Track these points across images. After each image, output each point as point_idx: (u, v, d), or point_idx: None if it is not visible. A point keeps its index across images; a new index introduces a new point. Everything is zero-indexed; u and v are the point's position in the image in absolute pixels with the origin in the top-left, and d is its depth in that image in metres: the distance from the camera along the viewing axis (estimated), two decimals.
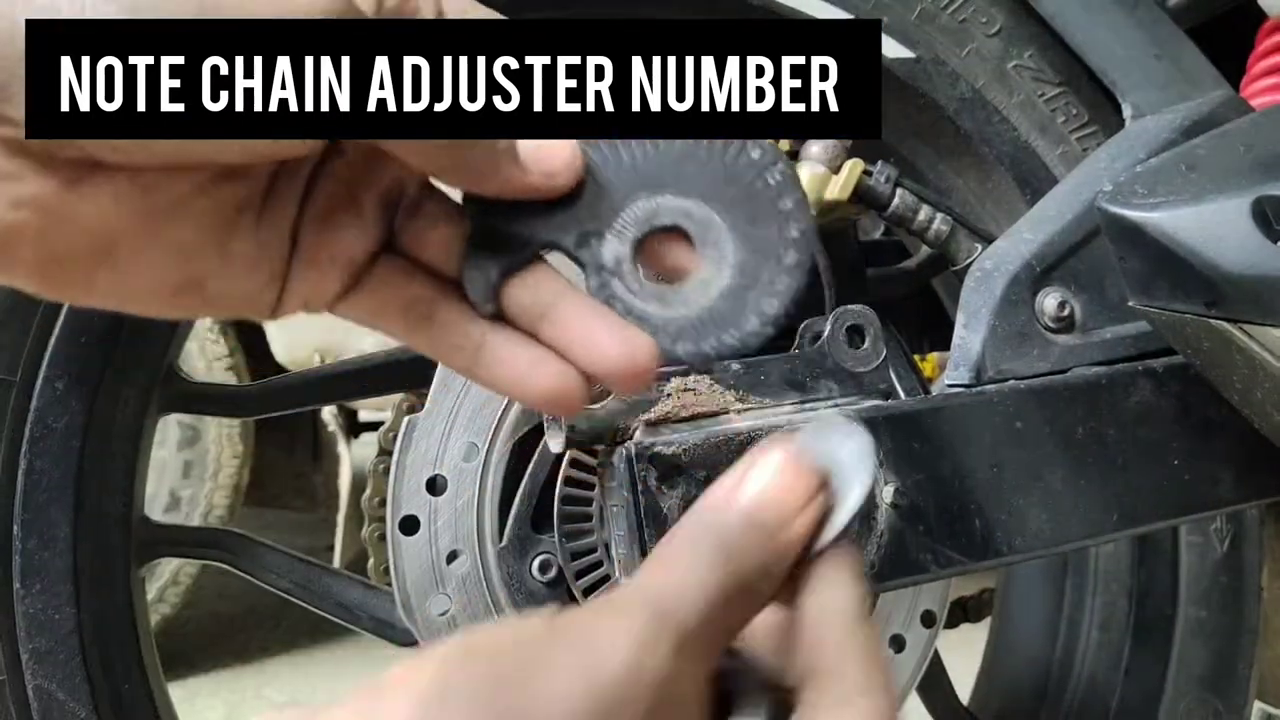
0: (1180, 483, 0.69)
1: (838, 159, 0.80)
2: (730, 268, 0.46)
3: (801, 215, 0.46)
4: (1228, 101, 0.74)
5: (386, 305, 0.45)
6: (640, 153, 0.45)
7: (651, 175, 0.45)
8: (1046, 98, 0.82)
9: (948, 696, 0.93)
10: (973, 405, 0.66)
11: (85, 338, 0.75)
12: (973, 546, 0.65)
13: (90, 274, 0.39)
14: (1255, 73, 0.87)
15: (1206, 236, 0.62)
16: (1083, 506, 0.67)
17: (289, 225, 0.43)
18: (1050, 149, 0.83)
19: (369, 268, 0.45)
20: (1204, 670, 0.89)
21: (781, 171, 0.46)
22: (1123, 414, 0.68)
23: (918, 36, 0.81)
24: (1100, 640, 0.93)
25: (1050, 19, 0.79)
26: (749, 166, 0.46)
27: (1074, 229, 0.70)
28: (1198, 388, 0.68)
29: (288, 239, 0.43)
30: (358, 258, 0.45)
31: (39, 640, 0.74)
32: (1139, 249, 0.65)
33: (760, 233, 0.46)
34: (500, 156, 0.41)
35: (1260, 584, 0.89)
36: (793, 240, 0.46)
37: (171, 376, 0.85)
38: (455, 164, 0.41)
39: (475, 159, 0.41)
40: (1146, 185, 0.67)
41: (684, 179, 0.45)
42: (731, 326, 0.46)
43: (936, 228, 0.82)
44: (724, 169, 0.46)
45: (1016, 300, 0.69)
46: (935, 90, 0.82)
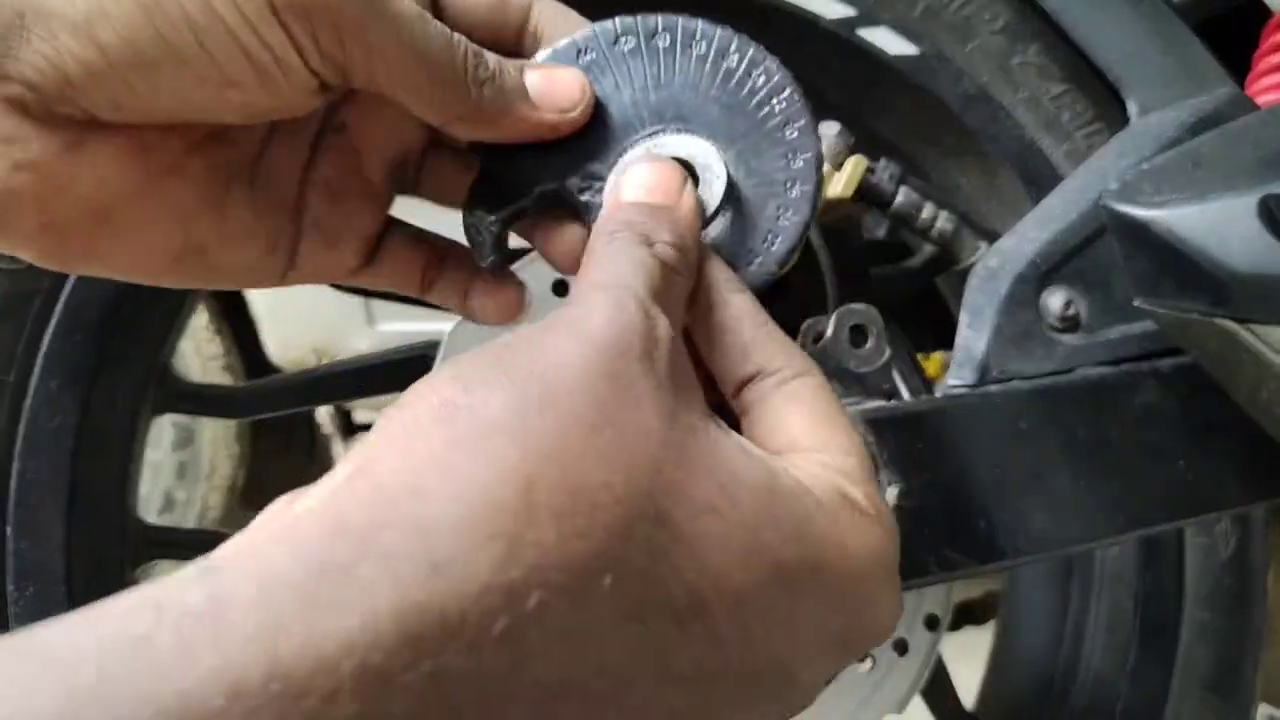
0: (1186, 484, 0.69)
1: (840, 156, 0.80)
2: (735, 204, 0.44)
3: (808, 143, 0.45)
4: (1234, 99, 0.74)
5: (406, 271, 0.47)
6: (640, 83, 0.44)
7: (653, 108, 0.44)
8: (1051, 94, 0.82)
9: (951, 700, 0.92)
10: (977, 406, 0.66)
11: (79, 337, 0.75)
12: (977, 548, 0.64)
13: (90, 239, 0.39)
14: (1261, 69, 0.86)
15: (1213, 235, 0.62)
16: (1088, 508, 0.66)
17: (289, 194, 0.44)
18: (1055, 146, 0.82)
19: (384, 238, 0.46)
20: (1209, 672, 0.89)
21: (789, 98, 0.44)
22: (1128, 414, 0.68)
23: (921, 32, 0.81)
24: (1105, 643, 0.93)
25: (1055, 15, 0.79)
26: (752, 94, 0.44)
27: (1079, 227, 0.69)
28: (1204, 388, 0.67)
29: (287, 208, 0.44)
30: (373, 231, 0.46)
31: None
32: (1145, 247, 0.64)
33: (766, 165, 0.44)
34: (511, 96, 0.41)
35: (1266, 586, 0.89)
36: (798, 172, 0.44)
37: (166, 377, 0.84)
38: (467, 110, 0.41)
39: (487, 101, 0.41)
40: (1152, 183, 0.66)
41: (686, 111, 0.44)
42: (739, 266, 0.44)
43: (940, 226, 0.81)
44: (727, 98, 0.44)
45: (1021, 299, 0.68)
46: (939, 87, 0.82)
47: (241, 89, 0.37)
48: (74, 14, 0.34)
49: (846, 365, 0.70)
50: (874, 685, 0.84)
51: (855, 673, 0.84)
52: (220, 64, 0.36)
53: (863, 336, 0.70)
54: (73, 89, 0.35)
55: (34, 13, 0.34)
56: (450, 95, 0.40)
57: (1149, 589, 0.91)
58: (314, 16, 0.36)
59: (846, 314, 0.70)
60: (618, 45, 0.44)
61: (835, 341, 0.70)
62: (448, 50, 0.39)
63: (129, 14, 0.34)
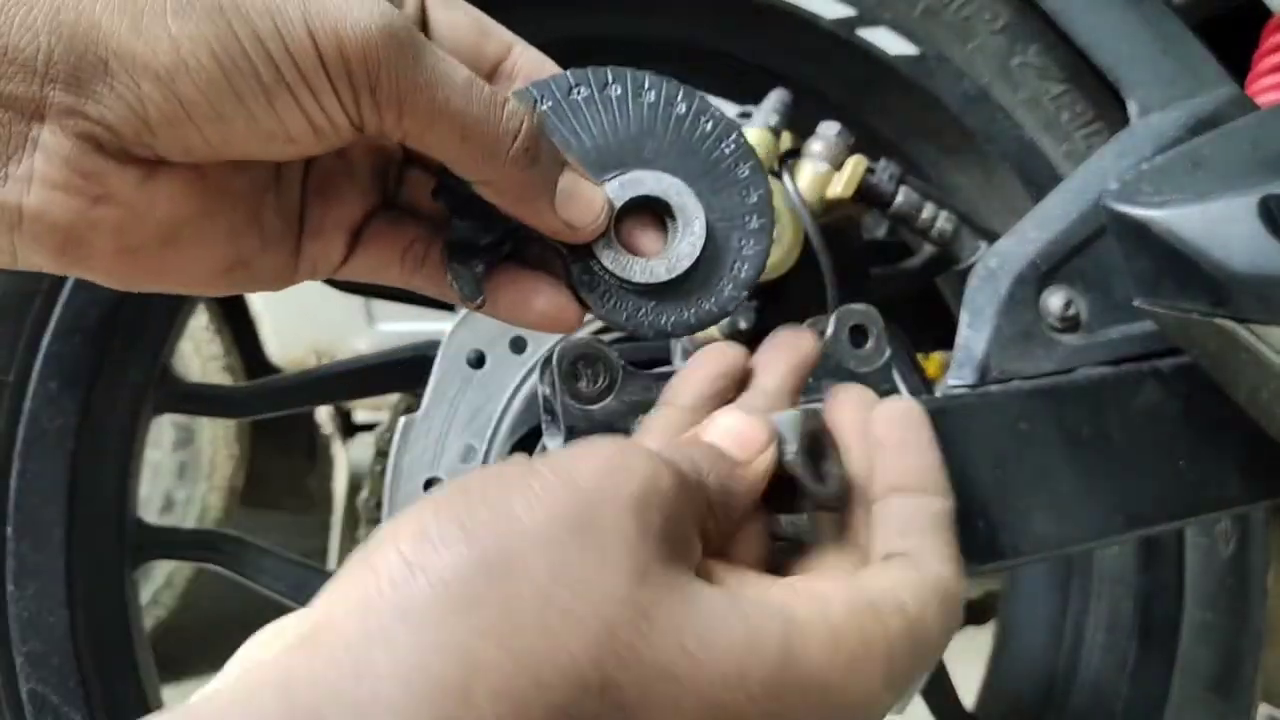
0: (1186, 484, 0.68)
1: (840, 156, 0.80)
2: (701, 237, 0.47)
3: (759, 179, 0.48)
4: (1234, 99, 0.74)
5: (386, 257, 0.48)
6: (599, 130, 0.46)
7: (614, 152, 0.47)
8: (1051, 95, 0.82)
9: (952, 700, 0.92)
10: (977, 406, 0.66)
11: (79, 338, 0.75)
12: (977, 548, 0.64)
13: (158, 260, 0.42)
14: (1261, 70, 0.86)
15: (1213, 235, 0.62)
16: (1088, 508, 0.66)
17: (298, 196, 0.46)
18: (1055, 146, 0.82)
19: (365, 226, 0.47)
20: (1209, 673, 0.89)
21: (736, 141, 0.48)
22: (1128, 414, 0.67)
23: (921, 33, 0.81)
24: (1105, 643, 0.93)
25: (1055, 15, 0.79)
26: (704, 138, 0.47)
27: (1079, 227, 0.69)
28: (1204, 388, 0.67)
29: (298, 209, 0.46)
30: (357, 221, 0.47)
31: (33, 643, 0.74)
32: (1145, 247, 0.64)
33: (724, 201, 0.48)
34: (539, 189, 0.43)
35: (1266, 586, 0.89)
36: (754, 205, 0.48)
37: (166, 377, 0.84)
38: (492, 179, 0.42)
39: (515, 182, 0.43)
40: (1152, 183, 0.66)
41: (647, 154, 0.47)
42: (710, 294, 0.48)
43: (940, 226, 0.81)
44: (681, 141, 0.47)
45: (1021, 299, 0.68)
46: (939, 87, 0.82)
47: (298, 144, 0.40)
48: (157, 65, 0.36)
49: (846, 365, 0.70)
50: None
51: None
52: (285, 124, 0.38)
53: (863, 336, 0.70)
54: (150, 134, 0.37)
55: (119, 60, 0.36)
56: (481, 164, 0.42)
57: (1149, 589, 0.91)
58: (356, 80, 0.38)
59: (846, 314, 0.70)
60: (573, 94, 0.46)
61: (835, 341, 0.70)
62: (488, 121, 0.41)
63: (209, 71, 0.36)
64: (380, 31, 0.38)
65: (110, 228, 0.39)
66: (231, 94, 0.37)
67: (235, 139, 0.38)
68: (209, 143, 0.38)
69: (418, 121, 0.40)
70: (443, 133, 0.40)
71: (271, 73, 0.37)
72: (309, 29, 0.37)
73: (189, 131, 0.38)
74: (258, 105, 0.38)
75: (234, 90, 0.37)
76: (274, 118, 0.38)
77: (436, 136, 0.40)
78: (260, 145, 0.39)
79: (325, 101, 0.38)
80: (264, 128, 0.38)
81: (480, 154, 0.41)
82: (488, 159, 0.41)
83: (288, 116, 0.38)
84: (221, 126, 0.38)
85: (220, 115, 0.37)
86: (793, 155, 0.82)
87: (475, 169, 0.42)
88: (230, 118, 0.38)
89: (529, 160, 0.42)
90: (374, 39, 0.38)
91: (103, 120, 0.36)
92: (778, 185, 0.79)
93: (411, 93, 0.39)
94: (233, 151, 0.39)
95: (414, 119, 0.40)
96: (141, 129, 0.37)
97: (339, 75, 0.38)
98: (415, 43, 0.39)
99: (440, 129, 0.40)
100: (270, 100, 0.38)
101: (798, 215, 0.79)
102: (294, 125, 0.39)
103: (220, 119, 0.37)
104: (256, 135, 0.38)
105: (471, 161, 0.41)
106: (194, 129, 0.37)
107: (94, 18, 0.35)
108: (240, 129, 0.38)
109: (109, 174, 0.38)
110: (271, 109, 0.38)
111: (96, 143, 0.37)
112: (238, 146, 0.39)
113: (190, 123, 0.37)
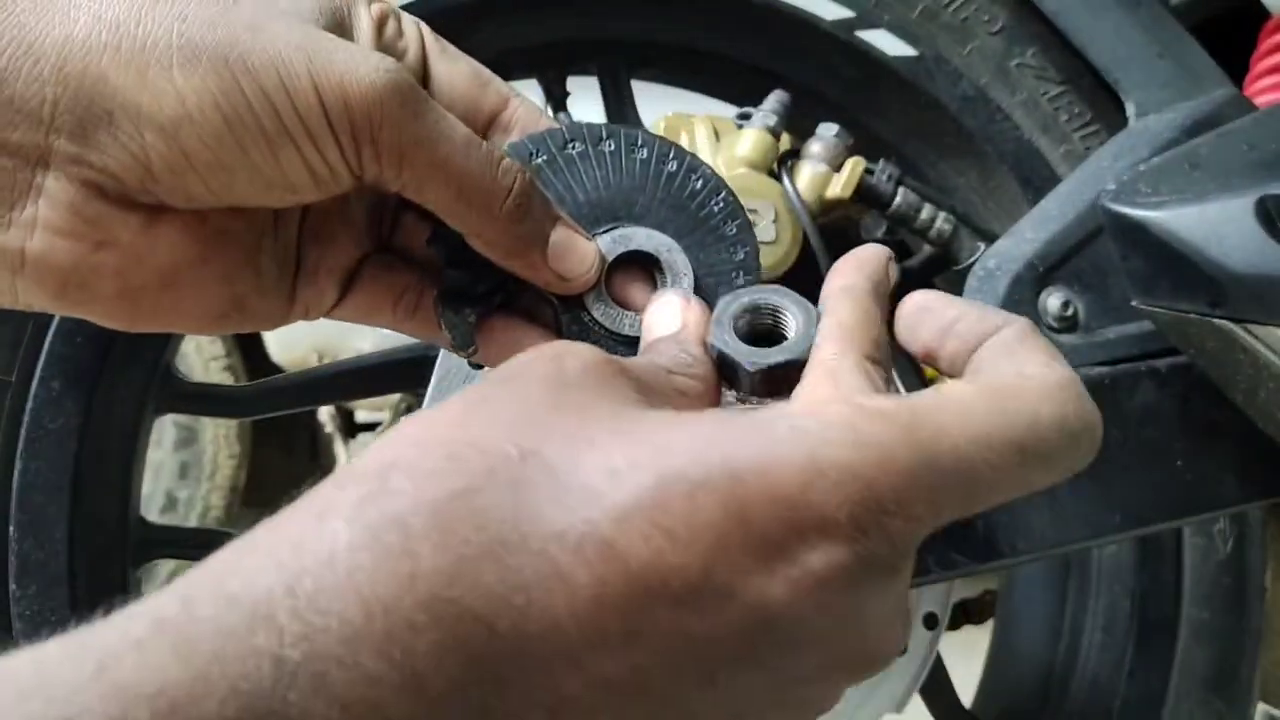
0: (1184, 483, 0.69)
1: (839, 157, 0.80)
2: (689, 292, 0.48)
3: (747, 237, 0.49)
4: (1231, 100, 0.74)
5: (379, 302, 0.49)
6: (592, 184, 0.48)
7: (606, 207, 0.48)
8: (1049, 96, 0.82)
9: (950, 699, 0.92)
10: None
11: (81, 338, 0.75)
12: (975, 547, 0.65)
13: (158, 302, 0.42)
14: (1258, 71, 0.86)
15: (1210, 235, 0.62)
16: (1085, 507, 0.66)
17: (295, 240, 0.46)
18: (1053, 148, 0.82)
19: (358, 270, 0.48)
20: (1207, 672, 0.89)
21: (724, 198, 0.49)
22: (1126, 414, 0.68)
23: (919, 34, 0.81)
24: (1103, 642, 0.93)
25: (1053, 17, 0.79)
26: (694, 195, 0.48)
27: (1077, 228, 0.69)
28: (1201, 388, 0.67)
29: (294, 252, 0.46)
30: (350, 265, 0.48)
31: (35, 642, 0.74)
32: (1142, 248, 0.65)
33: (712, 257, 0.49)
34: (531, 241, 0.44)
35: (1264, 585, 0.89)
36: (740, 262, 0.49)
37: (168, 376, 0.84)
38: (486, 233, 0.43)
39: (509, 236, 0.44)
40: (1150, 184, 0.66)
41: (638, 209, 0.48)
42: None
43: (939, 227, 0.81)
44: (672, 198, 0.48)
45: (1019, 300, 0.68)
46: (937, 89, 0.82)
47: (299, 193, 0.41)
48: (161, 117, 0.37)
49: None
50: (873, 684, 0.85)
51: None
52: (287, 174, 0.39)
53: None
54: (154, 183, 0.38)
55: (123, 111, 0.37)
56: (476, 218, 0.43)
57: (1146, 588, 0.91)
58: (359, 133, 0.39)
59: None
60: (568, 149, 0.47)
61: None
62: (483, 177, 0.42)
63: (213, 123, 0.37)
64: (385, 86, 0.39)
65: (111, 271, 0.40)
66: (235, 145, 0.38)
67: (237, 187, 0.39)
68: (211, 190, 0.39)
69: (416, 174, 0.41)
70: (439, 186, 0.41)
71: (275, 125, 0.38)
72: (314, 83, 0.38)
73: (192, 180, 0.38)
74: (261, 155, 0.38)
75: (237, 141, 0.38)
76: (276, 168, 0.39)
77: (433, 189, 0.42)
78: (261, 193, 0.40)
79: (327, 153, 0.39)
80: (266, 177, 0.39)
81: (474, 208, 0.42)
82: (481, 214, 0.42)
83: (290, 167, 0.39)
84: (224, 175, 0.39)
85: (223, 165, 0.38)
86: (792, 156, 0.83)
87: (469, 222, 0.43)
88: (233, 167, 0.38)
89: (520, 215, 0.43)
90: (379, 94, 0.38)
91: (106, 169, 0.37)
92: (777, 186, 0.80)
93: (412, 147, 0.40)
94: (234, 199, 0.40)
95: (413, 172, 0.41)
96: (145, 177, 0.38)
97: (342, 127, 0.39)
98: (418, 98, 0.40)
99: (437, 183, 0.41)
100: (273, 151, 0.38)
101: (796, 216, 0.79)
102: (295, 175, 0.39)
103: (223, 168, 0.38)
104: (258, 184, 0.39)
105: (466, 215, 0.43)
106: (197, 178, 0.38)
107: (100, 70, 0.36)
108: (243, 178, 0.39)
109: (111, 220, 0.39)
110: (274, 159, 0.39)
111: (100, 190, 0.38)
112: (239, 194, 0.40)
113: (193, 172, 0.38)
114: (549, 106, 0.97)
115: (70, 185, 0.38)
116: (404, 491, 0.28)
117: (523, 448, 0.29)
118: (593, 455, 0.29)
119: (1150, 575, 0.91)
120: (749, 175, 0.78)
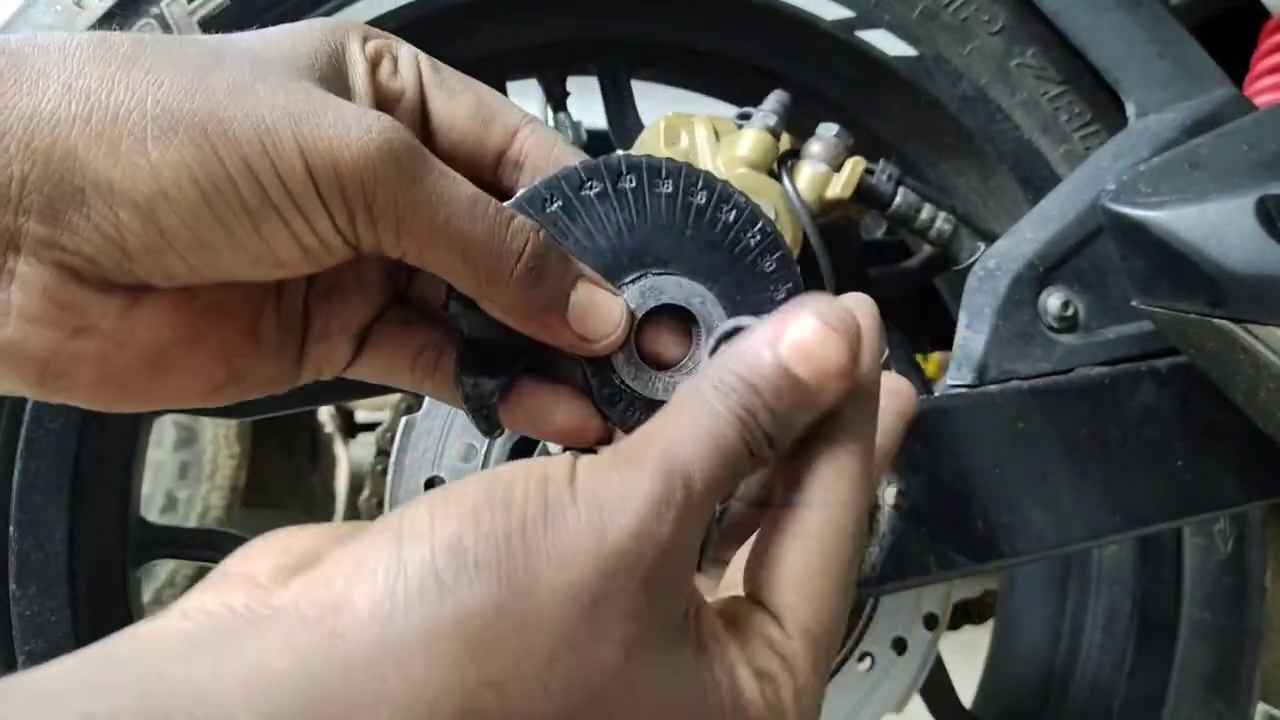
0: (1184, 483, 0.69)
1: (839, 157, 0.80)
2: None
3: (788, 273, 0.44)
4: (1231, 100, 0.74)
5: (396, 361, 0.46)
6: (614, 229, 0.43)
7: (630, 253, 0.44)
8: (1049, 96, 0.82)
9: (950, 699, 0.92)
10: (975, 405, 0.66)
11: None
12: (975, 548, 0.65)
13: (145, 384, 0.40)
14: (1258, 71, 0.86)
15: (1210, 235, 0.62)
16: (1086, 507, 0.67)
17: (302, 302, 0.44)
18: (1053, 148, 0.82)
19: (372, 326, 0.45)
20: (1207, 672, 0.89)
21: (761, 229, 0.44)
22: (1126, 414, 0.68)
23: (920, 34, 0.81)
24: (1103, 642, 0.93)
25: (1053, 17, 0.79)
26: (726, 229, 0.44)
27: (1077, 228, 0.69)
28: (1201, 388, 0.68)
29: (301, 316, 0.44)
30: (364, 321, 0.45)
31: (35, 642, 0.74)
32: (1142, 248, 0.65)
33: (751, 298, 0.44)
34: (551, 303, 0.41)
35: (1264, 585, 0.89)
36: (781, 302, 0.44)
37: None
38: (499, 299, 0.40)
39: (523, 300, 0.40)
40: (1150, 184, 0.66)
41: (665, 253, 0.44)
42: None
43: (939, 227, 0.81)
44: (701, 235, 0.44)
45: (1020, 300, 0.68)
46: (937, 89, 0.82)
47: (287, 266, 0.38)
48: (135, 194, 0.34)
49: None
50: (873, 684, 0.85)
51: (854, 672, 0.85)
52: (274, 249, 0.37)
53: None
54: (130, 263, 0.36)
55: (95, 189, 0.34)
56: (485, 285, 0.40)
57: (1147, 588, 0.91)
58: (351, 201, 0.36)
59: None
60: (584, 190, 0.43)
61: None
62: (491, 242, 0.39)
63: (190, 199, 0.35)
64: (378, 151, 0.36)
65: (91, 358, 0.38)
66: (214, 220, 0.36)
67: (221, 264, 0.37)
68: (193, 269, 0.37)
69: (416, 241, 0.38)
70: (443, 253, 0.39)
71: (257, 197, 0.35)
72: (301, 150, 0.35)
73: (170, 259, 0.36)
74: (244, 231, 0.36)
75: (216, 217, 0.35)
76: (260, 242, 0.37)
77: (437, 256, 0.39)
78: (247, 269, 0.37)
79: (317, 223, 0.37)
80: (250, 252, 0.37)
81: (483, 275, 0.39)
82: (491, 280, 0.39)
83: (275, 240, 0.37)
84: (205, 254, 0.36)
85: (203, 243, 0.36)
86: (792, 156, 0.83)
87: (478, 290, 0.40)
88: (214, 245, 0.36)
89: (534, 280, 0.40)
90: (371, 158, 0.36)
91: (80, 251, 0.35)
92: (777, 186, 0.80)
93: (410, 212, 0.37)
94: (219, 275, 0.38)
95: (412, 239, 0.38)
96: (120, 258, 0.36)
97: (332, 196, 0.36)
98: (415, 160, 0.37)
99: (440, 249, 0.38)
100: (256, 225, 0.36)
101: (797, 216, 0.79)
102: (283, 249, 0.37)
103: (203, 246, 0.36)
104: (242, 260, 0.37)
105: (474, 282, 0.40)
106: (176, 256, 0.36)
107: (69, 144, 0.34)
108: (226, 255, 0.37)
109: (89, 304, 0.36)
110: (257, 233, 0.36)
111: (75, 273, 0.36)
112: (224, 271, 0.37)
113: (172, 251, 0.36)
114: (549, 106, 0.97)
115: (43, 269, 0.35)
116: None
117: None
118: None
119: (1150, 575, 0.91)
120: (749, 175, 0.78)
